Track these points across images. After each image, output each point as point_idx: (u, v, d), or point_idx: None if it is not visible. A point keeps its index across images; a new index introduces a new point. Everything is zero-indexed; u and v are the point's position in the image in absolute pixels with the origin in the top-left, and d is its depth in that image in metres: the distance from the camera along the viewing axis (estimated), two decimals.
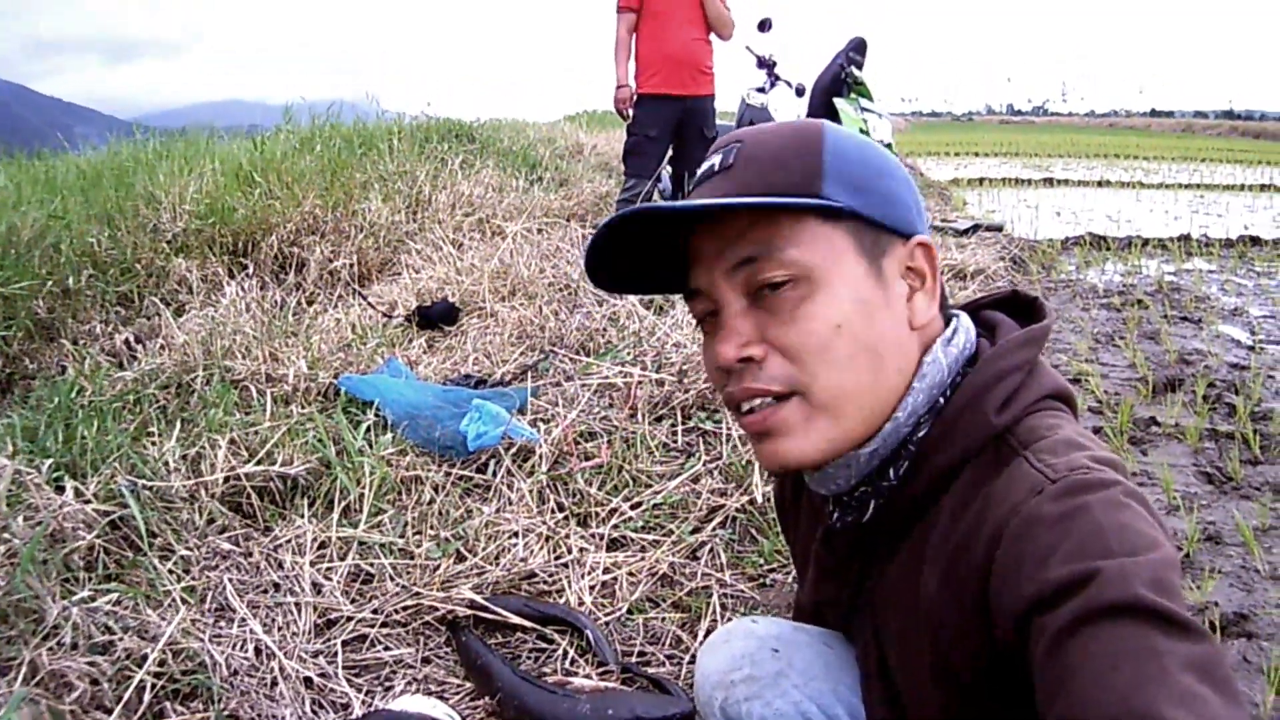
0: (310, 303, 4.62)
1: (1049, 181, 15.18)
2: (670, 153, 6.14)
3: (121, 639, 1.89)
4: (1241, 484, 3.23)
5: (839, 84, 7.94)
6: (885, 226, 0.97)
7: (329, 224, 5.43)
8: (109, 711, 1.80)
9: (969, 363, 1.01)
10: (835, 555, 1.12)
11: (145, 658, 1.87)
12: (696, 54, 5.87)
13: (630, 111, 5.89)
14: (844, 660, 1.27)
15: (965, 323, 1.04)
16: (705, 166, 1.02)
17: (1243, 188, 15.27)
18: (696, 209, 0.93)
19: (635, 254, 1.03)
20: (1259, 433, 3.58)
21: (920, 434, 0.98)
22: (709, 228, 0.97)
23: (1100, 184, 15.19)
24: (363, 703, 1.94)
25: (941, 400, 0.98)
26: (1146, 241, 8.43)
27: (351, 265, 5.17)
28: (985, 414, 0.94)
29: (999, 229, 8.36)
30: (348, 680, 1.99)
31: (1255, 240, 9.04)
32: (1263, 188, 15.45)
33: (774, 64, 7.69)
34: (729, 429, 3.20)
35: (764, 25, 7.20)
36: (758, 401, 0.97)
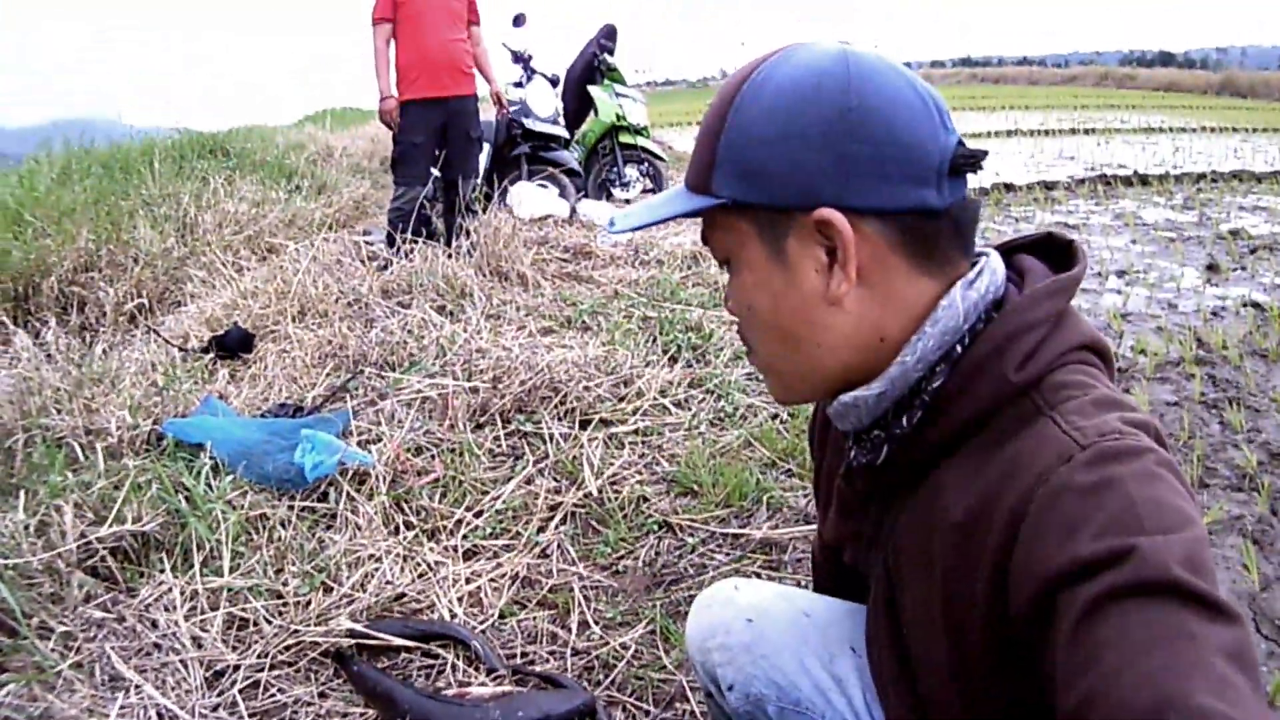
0: (93, 343, 4.45)
1: None
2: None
3: None
4: None
5: (592, 71, 8.17)
6: (780, 206, 0.95)
7: (104, 258, 5.22)
8: None
9: (996, 306, 0.97)
10: (855, 492, 1.12)
11: None
12: (455, 54, 5.93)
13: (395, 122, 5.89)
14: (819, 630, 1.34)
15: (993, 263, 0.99)
16: None
17: (989, 134, 16.18)
18: (621, 232, 1.07)
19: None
20: None
21: (935, 384, 0.96)
22: None
23: None
24: None
25: (959, 348, 0.95)
26: None
27: (133, 299, 4.99)
28: (1004, 371, 0.91)
29: None
30: None
31: (1009, 187, 9.77)
32: (1009, 133, 16.52)
33: (530, 58, 7.82)
34: (550, 429, 3.35)
35: (519, 20, 7.32)
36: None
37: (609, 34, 8.41)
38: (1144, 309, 5.59)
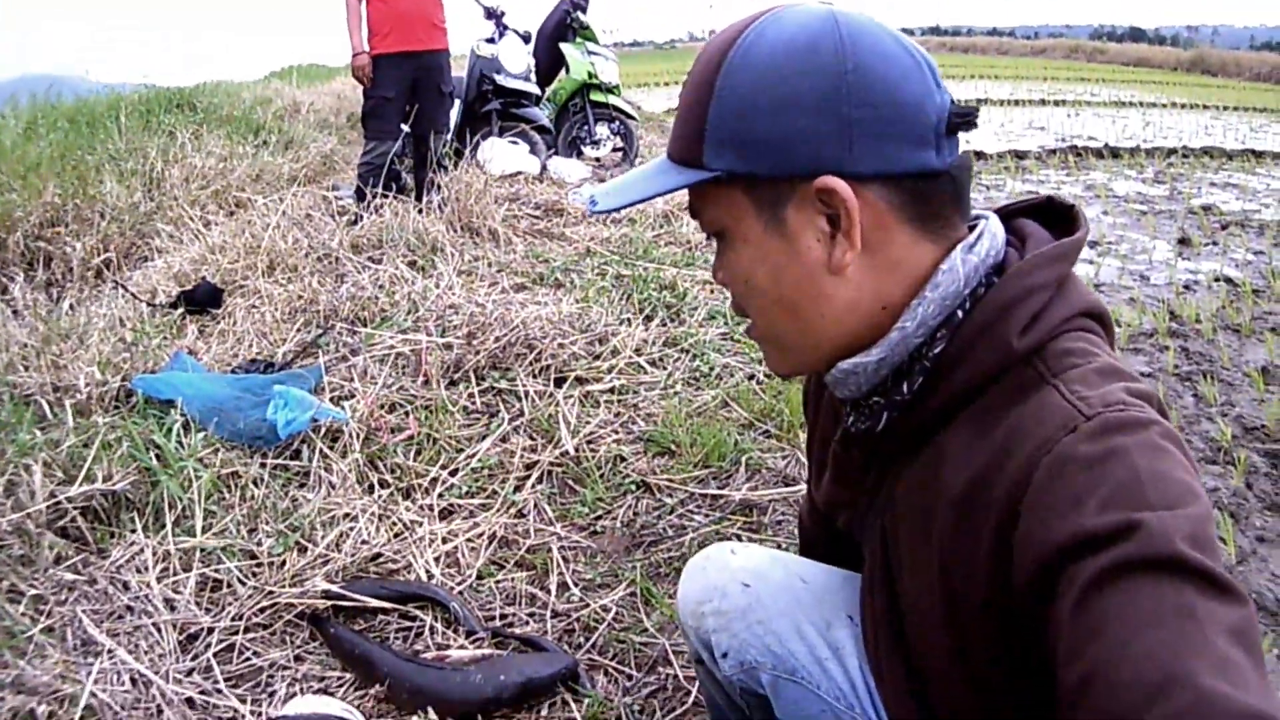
0: (61, 299, 4.37)
1: None
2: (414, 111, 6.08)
3: (5, 698, 1.82)
4: None
5: (564, 29, 8.10)
6: (779, 176, 0.92)
7: (70, 212, 5.12)
8: None
9: (996, 271, 0.95)
10: (851, 459, 1.11)
11: (34, 714, 1.81)
12: (427, 9, 5.85)
13: (368, 77, 5.80)
14: (815, 596, 1.32)
15: (993, 227, 0.98)
16: None
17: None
18: (603, 212, 1.01)
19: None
20: None
21: (936, 350, 0.94)
22: None
23: None
24: (252, 713, 1.94)
25: (960, 313, 0.93)
26: None
27: (100, 254, 4.90)
28: (1006, 337, 0.89)
29: None
30: (230, 693, 1.98)
31: (980, 155, 9.82)
32: (979, 102, 16.57)
33: (502, 14, 7.71)
34: (524, 386, 3.31)
35: None
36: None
37: None
38: (1116, 280, 5.61)
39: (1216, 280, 5.56)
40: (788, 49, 0.89)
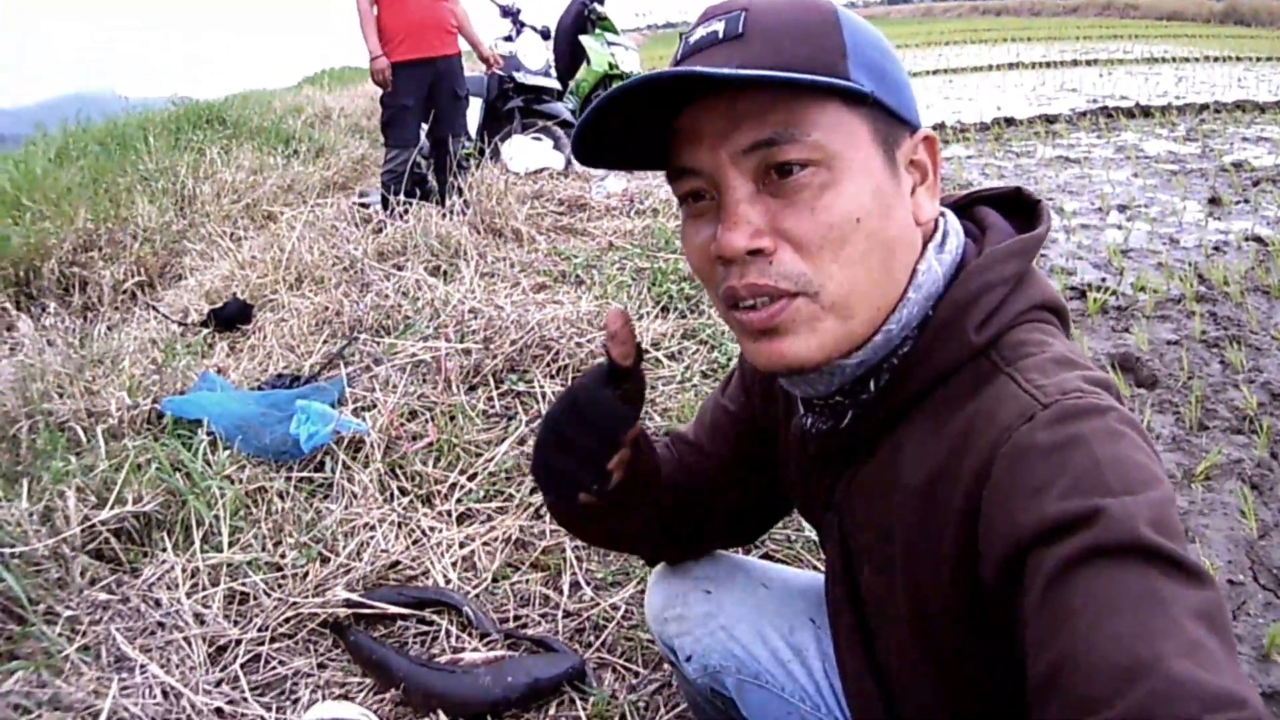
0: (95, 323, 4.48)
1: None
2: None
3: (41, 716, 1.92)
4: None
5: (583, 22, 8.13)
6: (897, 116, 0.92)
7: (104, 237, 5.26)
8: None
9: (957, 269, 0.96)
10: (808, 456, 1.10)
11: None
12: (439, 15, 5.92)
13: (389, 81, 5.87)
14: (778, 601, 1.36)
15: (953, 225, 0.99)
16: (704, 34, 0.91)
17: (990, 68, 16.09)
18: (725, 77, 0.82)
19: (621, 126, 0.93)
20: None
21: (905, 349, 0.94)
22: (716, 103, 0.88)
23: None
24: None
25: (930, 313, 0.94)
26: None
27: (133, 276, 5.03)
28: (965, 332, 0.90)
29: None
30: (256, 702, 2.07)
31: (1010, 121, 9.73)
32: (1010, 66, 16.40)
33: (518, 11, 7.77)
34: (541, 388, 3.36)
35: None
36: (764, 297, 0.90)
37: None
38: (1145, 244, 5.55)
39: (1246, 240, 5.47)
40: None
